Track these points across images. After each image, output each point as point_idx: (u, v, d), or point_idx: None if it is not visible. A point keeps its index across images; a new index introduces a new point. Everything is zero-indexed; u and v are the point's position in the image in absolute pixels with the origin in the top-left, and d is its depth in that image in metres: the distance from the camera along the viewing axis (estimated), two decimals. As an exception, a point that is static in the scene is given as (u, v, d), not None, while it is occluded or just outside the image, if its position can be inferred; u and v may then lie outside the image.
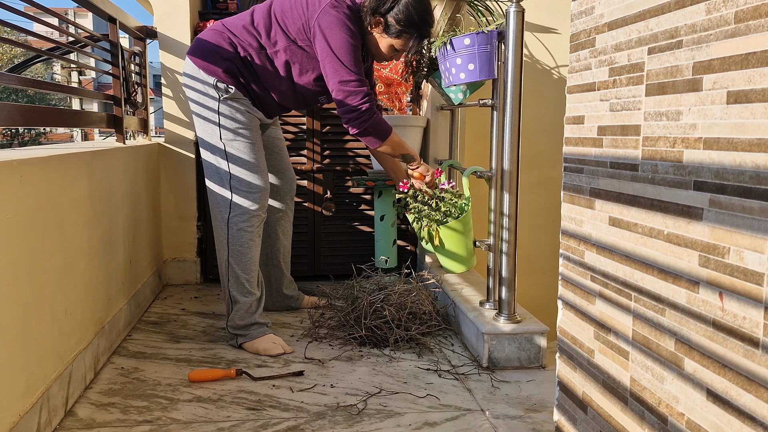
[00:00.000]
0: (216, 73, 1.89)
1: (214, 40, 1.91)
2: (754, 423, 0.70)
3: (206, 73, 1.89)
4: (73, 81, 11.17)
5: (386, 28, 1.89)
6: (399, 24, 1.87)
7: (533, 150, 2.98)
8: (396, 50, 1.94)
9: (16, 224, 1.29)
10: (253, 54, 1.90)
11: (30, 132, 14.87)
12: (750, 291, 0.71)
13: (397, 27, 1.87)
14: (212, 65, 1.89)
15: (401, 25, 1.87)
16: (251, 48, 1.90)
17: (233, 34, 1.91)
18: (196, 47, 1.93)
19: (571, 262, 1.13)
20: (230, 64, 1.89)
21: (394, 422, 1.49)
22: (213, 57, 1.89)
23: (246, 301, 1.93)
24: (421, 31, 1.90)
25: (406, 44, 1.92)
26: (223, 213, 1.93)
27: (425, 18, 1.89)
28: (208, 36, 1.93)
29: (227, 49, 1.89)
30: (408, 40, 1.91)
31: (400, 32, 1.88)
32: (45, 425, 1.38)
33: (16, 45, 1.60)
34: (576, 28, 1.10)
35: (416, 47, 1.97)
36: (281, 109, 2.05)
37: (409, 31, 1.89)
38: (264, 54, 1.91)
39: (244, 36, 1.90)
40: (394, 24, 1.87)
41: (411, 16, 1.85)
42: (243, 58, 1.90)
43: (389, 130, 1.93)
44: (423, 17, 1.88)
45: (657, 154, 0.87)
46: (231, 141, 1.90)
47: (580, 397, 1.10)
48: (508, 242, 1.86)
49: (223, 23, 1.95)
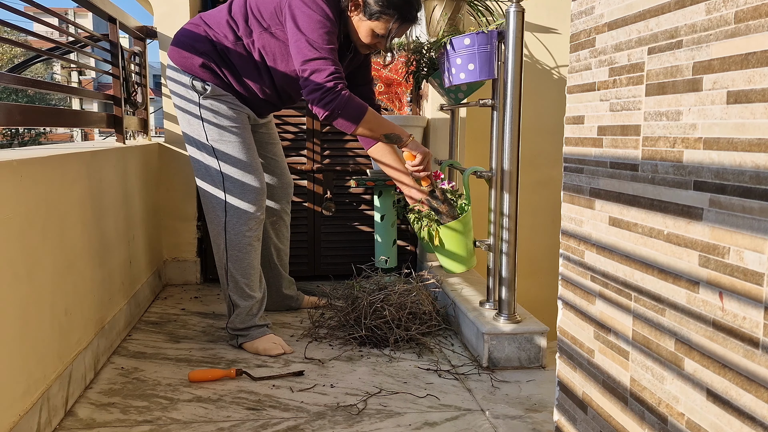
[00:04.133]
0: (193, 69, 1.82)
1: (191, 34, 1.84)
2: (754, 423, 0.70)
3: (183, 69, 1.83)
4: (73, 81, 11.18)
5: (365, 8, 1.76)
6: (377, 4, 1.74)
7: (533, 150, 2.98)
8: (377, 35, 1.80)
9: (16, 224, 1.29)
10: (230, 46, 1.82)
11: (30, 132, 14.87)
12: (750, 291, 0.71)
13: (375, 8, 1.74)
14: (189, 59, 1.83)
15: (379, 6, 1.74)
16: (227, 40, 1.82)
17: (209, 27, 1.84)
18: (174, 41, 1.87)
19: (571, 262, 1.13)
20: (207, 57, 1.82)
21: (394, 422, 1.49)
22: (189, 50, 1.82)
23: (246, 305, 1.92)
24: (402, 13, 1.76)
25: (387, 27, 1.77)
26: (219, 216, 1.88)
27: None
28: (185, 29, 1.87)
29: (203, 43, 1.82)
30: (388, 22, 1.76)
31: (379, 14, 1.75)
32: (45, 425, 1.38)
33: (16, 45, 1.60)
34: (576, 28, 1.10)
35: (399, 32, 1.82)
36: (268, 105, 1.96)
37: (389, 12, 1.75)
38: (241, 45, 1.82)
39: (221, 28, 1.83)
40: (372, 4, 1.74)
41: None
42: (220, 52, 1.82)
43: (363, 109, 1.74)
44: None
45: (657, 154, 0.87)
46: (218, 141, 1.84)
47: (580, 397, 1.10)
48: (508, 242, 1.86)
49: (200, 16, 1.88)
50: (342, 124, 1.75)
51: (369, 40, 1.83)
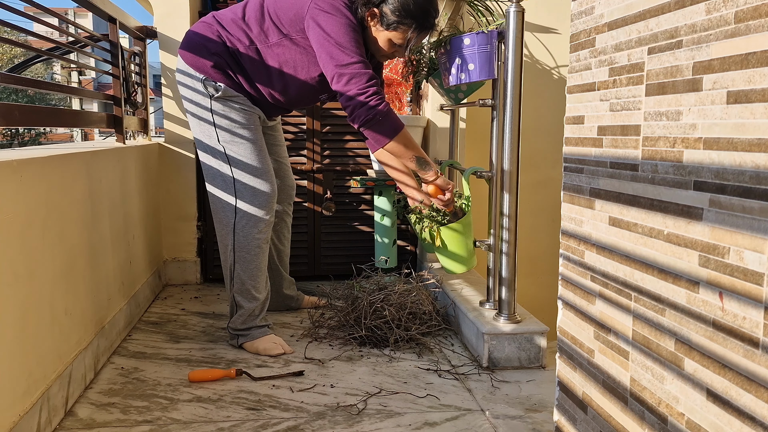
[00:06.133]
0: (204, 69, 1.81)
1: (203, 34, 1.82)
2: (754, 423, 0.70)
3: (195, 69, 1.82)
4: (73, 81, 11.18)
5: (382, 19, 1.77)
6: (394, 14, 1.75)
7: (533, 150, 2.98)
8: (396, 45, 1.82)
9: (16, 224, 1.29)
10: (242, 49, 1.81)
11: (30, 132, 14.87)
12: (750, 291, 0.71)
13: (392, 18, 1.76)
14: (200, 60, 1.81)
15: (396, 16, 1.75)
16: (240, 43, 1.81)
17: (222, 27, 1.82)
18: (185, 41, 1.86)
19: (571, 262, 1.13)
20: (219, 59, 1.81)
21: (394, 422, 1.49)
22: (201, 51, 1.81)
23: (250, 307, 1.91)
24: (420, 22, 1.77)
25: (405, 37, 1.79)
26: (228, 218, 1.86)
27: (424, 7, 1.76)
28: (197, 29, 1.85)
29: (215, 43, 1.81)
30: (405, 32, 1.78)
31: (397, 24, 1.76)
32: (45, 425, 1.38)
33: (16, 45, 1.60)
34: (576, 28, 1.10)
35: (418, 40, 1.83)
36: (278, 109, 1.96)
37: (406, 22, 1.76)
38: (254, 49, 1.81)
39: (234, 30, 1.81)
40: (389, 15, 1.75)
41: (407, 5, 1.73)
42: (232, 53, 1.81)
43: (401, 125, 1.75)
44: (421, 5, 1.75)
45: (657, 154, 0.87)
46: (229, 143, 1.83)
47: (580, 397, 1.10)
48: (508, 242, 1.86)
49: (213, 15, 1.86)
50: (378, 134, 1.74)
51: (387, 50, 1.83)
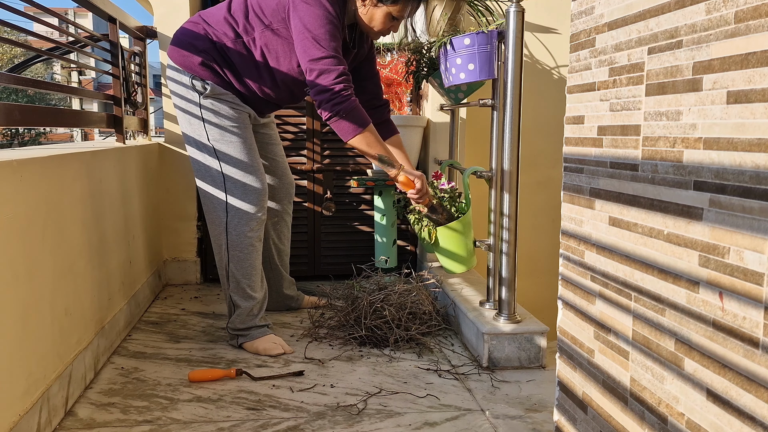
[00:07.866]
0: (192, 68, 1.82)
1: (190, 32, 1.84)
2: (754, 423, 0.70)
3: (183, 67, 1.83)
4: (73, 81, 11.18)
5: None
6: None
7: (533, 150, 2.98)
8: (394, 18, 1.82)
9: (16, 224, 1.29)
10: (230, 44, 1.82)
11: (30, 132, 14.88)
12: (750, 291, 0.71)
13: None
14: (189, 58, 1.82)
15: None
16: (226, 38, 1.82)
17: (208, 24, 1.84)
18: (173, 40, 1.87)
19: (571, 262, 1.13)
20: (206, 55, 1.82)
21: (394, 422, 1.49)
22: (189, 49, 1.82)
23: (247, 306, 1.91)
24: None
25: (404, 9, 1.80)
26: (220, 217, 1.87)
27: None
28: (185, 27, 1.86)
29: (202, 41, 1.82)
30: (406, 3, 1.79)
31: None
32: (45, 425, 1.38)
33: (16, 45, 1.60)
34: (576, 28, 1.10)
35: (414, 10, 1.84)
36: (268, 104, 1.96)
37: None
38: (240, 43, 1.81)
39: (220, 26, 1.82)
40: None
41: None
42: (219, 50, 1.82)
43: (367, 121, 1.77)
44: None
45: (657, 154, 0.87)
46: (219, 141, 1.84)
47: (580, 397, 1.10)
48: (508, 242, 1.86)
49: (200, 14, 1.88)
50: (343, 127, 1.75)
51: (383, 26, 1.84)
